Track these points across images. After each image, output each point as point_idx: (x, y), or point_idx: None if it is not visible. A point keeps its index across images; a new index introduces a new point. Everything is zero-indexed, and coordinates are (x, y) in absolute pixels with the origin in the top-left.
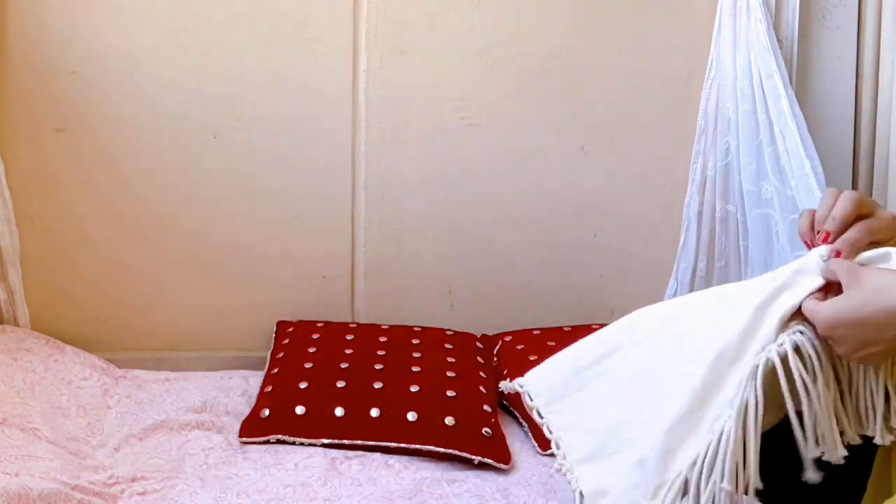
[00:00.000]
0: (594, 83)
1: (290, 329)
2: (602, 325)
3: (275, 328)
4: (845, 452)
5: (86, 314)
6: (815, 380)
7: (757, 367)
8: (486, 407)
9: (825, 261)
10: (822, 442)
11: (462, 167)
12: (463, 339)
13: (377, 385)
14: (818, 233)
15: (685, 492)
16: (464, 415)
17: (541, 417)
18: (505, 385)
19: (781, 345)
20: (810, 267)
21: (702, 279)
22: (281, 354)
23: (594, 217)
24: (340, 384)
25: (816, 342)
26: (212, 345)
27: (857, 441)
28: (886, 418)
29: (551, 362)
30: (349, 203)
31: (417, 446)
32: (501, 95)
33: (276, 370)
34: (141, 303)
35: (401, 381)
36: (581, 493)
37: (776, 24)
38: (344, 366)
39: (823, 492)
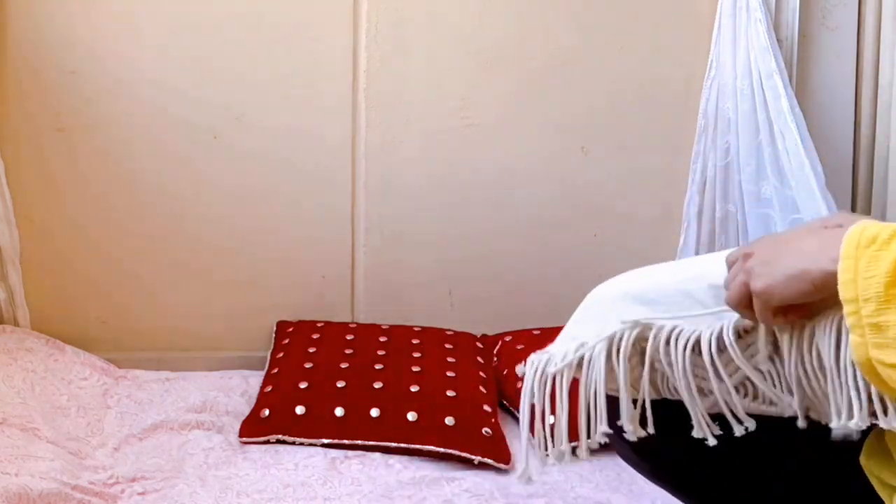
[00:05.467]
0: (594, 83)
1: (290, 329)
2: None
3: (275, 328)
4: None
5: (86, 314)
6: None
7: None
8: (486, 407)
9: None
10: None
11: (462, 167)
12: (463, 339)
13: (377, 385)
14: None
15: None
16: (464, 415)
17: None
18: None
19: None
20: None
21: None
22: (281, 354)
23: (594, 217)
24: (340, 384)
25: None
26: (212, 345)
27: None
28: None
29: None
30: (349, 203)
31: (417, 446)
32: (501, 95)
33: (276, 370)
34: (141, 303)
35: (401, 381)
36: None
37: (776, 24)
38: (344, 366)
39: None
